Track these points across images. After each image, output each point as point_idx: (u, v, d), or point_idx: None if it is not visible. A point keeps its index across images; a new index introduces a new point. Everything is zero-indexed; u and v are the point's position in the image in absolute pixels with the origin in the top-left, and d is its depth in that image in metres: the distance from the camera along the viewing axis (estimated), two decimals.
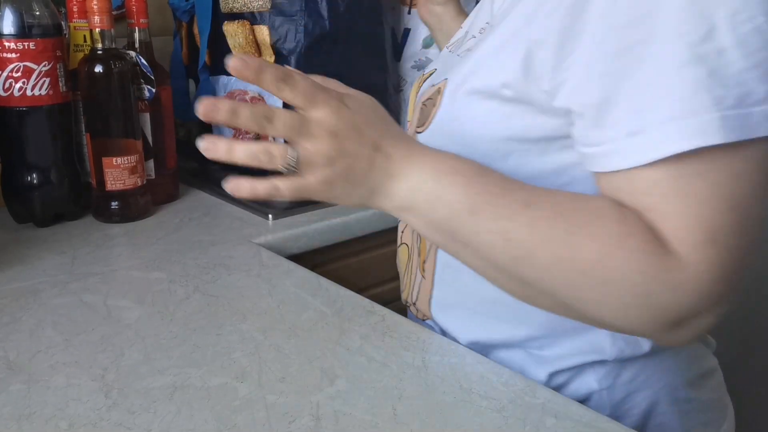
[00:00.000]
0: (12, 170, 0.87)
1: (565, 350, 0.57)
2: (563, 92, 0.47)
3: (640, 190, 0.43)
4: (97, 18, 0.84)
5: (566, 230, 0.44)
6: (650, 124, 0.42)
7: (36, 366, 0.56)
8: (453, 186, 0.47)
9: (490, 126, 0.53)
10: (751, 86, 0.40)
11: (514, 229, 0.45)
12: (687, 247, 0.42)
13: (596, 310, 0.45)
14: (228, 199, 1.02)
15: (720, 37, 0.41)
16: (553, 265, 0.45)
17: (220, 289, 0.71)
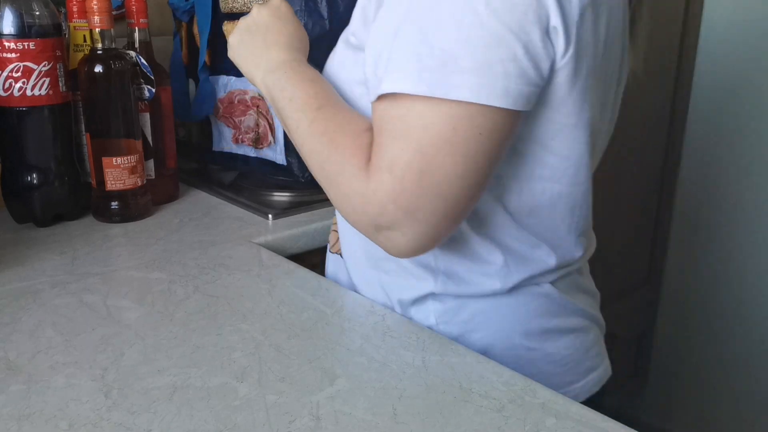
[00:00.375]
0: (12, 170, 0.87)
1: (404, 281, 0.66)
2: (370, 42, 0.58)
3: (374, 120, 0.55)
4: (96, 18, 0.84)
5: (323, 131, 0.58)
6: (380, 70, 0.54)
7: (36, 366, 0.56)
8: (290, 80, 0.63)
9: (347, 69, 0.64)
10: (457, 56, 0.49)
11: (302, 120, 0.60)
12: (373, 169, 0.53)
13: (332, 199, 0.58)
14: (228, 199, 1.02)
15: (438, 11, 0.50)
16: (311, 154, 0.59)
17: (220, 289, 0.71)
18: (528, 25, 0.50)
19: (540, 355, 0.66)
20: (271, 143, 1.03)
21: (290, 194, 1.04)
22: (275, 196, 1.04)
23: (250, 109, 1.03)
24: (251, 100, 1.03)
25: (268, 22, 0.69)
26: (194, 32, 1.07)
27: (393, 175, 0.51)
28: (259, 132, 1.04)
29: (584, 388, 0.70)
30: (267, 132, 1.03)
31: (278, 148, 1.02)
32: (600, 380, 0.71)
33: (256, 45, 0.68)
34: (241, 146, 1.07)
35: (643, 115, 1.71)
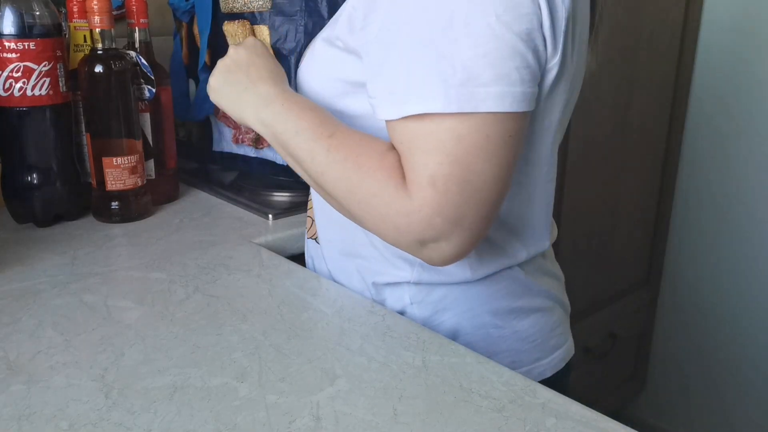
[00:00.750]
0: (12, 170, 0.87)
1: (382, 268, 0.69)
2: (363, 51, 0.59)
3: (396, 139, 0.56)
4: (97, 18, 0.84)
5: (345, 158, 0.58)
6: (398, 89, 0.55)
7: (36, 366, 0.56)
8: (291, 112, 0.63)
9: (331, 66, 0.66)
10: (479, 71, 0.52)
11: (317, 150, 0.60)
12: (414, 186, 0.54)
13: (363, 222, 0.59)
14: (228, 199, 1.02)
15: (455, 30, 0.52)
16: (337, 182, 0.59)
17: (220, 290, 0.71)
18: (534, 31, 0.54)
19: (509, 333, 0.70)
20: None
21: (290, 194, 1.04)
22: (275, 196, 1.04)
23: None
24: None
25: (248, 59, 0.69)
26: (194, 32, 1.07)
27: (436, 189, 0.53)
28: None
29: (551, 364, 0.74)
30: None
31: None
32: (565, 357, 0.76)
33: (240, 83, 0.68)
34: (241, 146, 1.07)
35: (643, 115, 1.71)
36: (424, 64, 0.53)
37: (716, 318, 1.88)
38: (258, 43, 0.72)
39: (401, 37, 0.55)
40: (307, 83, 0.70)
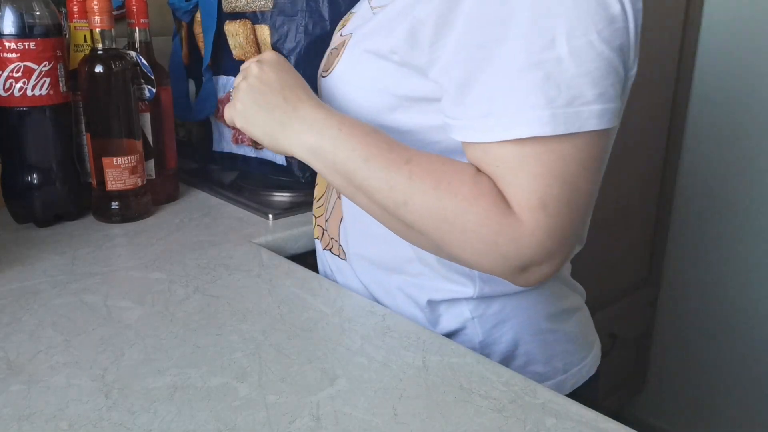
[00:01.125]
0: (12, 170, 0.87)
1: (438, 285, 0.66)
2: (436, 67, 0.56)
3: (491, 162, 0.53)
4: (97, 18, 0.85)
5: (434, 185, 0.54)
6: (498, 111, 0.52)
7: (36, 366, 0.56)
8: (353, 136, 0.57)
9: (381, 81, 0.62)
10: (582, 90, 0.51)
11: (396, 179, 0.55)
12: (524, 211, 0.52)
13: (458, 252, 0.55)
14: (228, 199, 1.02)
15: (558, 48, 0.50)
16: (425, 212, 0.55)
17: (221, 290, 0.71)
18: (625, 45, 0.53)
19: (561, 335, 0.70)
20: None
21: (290, 194, 1.04)
22: (275, 196, 1.04)
23: None
24: None
25: (277, 78, 0.62)
26: (195, 32, 1.07)
27: (547, 212, 0.51)
28: None
29: (593, 360, 0.75)
30: None
31: None
32: (599, 353, 0.76)
33: (276, 107, 0.61)
34: (241, 146, 1.07)
35: (643, 115, 1.71)
36: (528, 85, 0.51)
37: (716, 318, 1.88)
38: (280, 57, 0.65)
39: (497, 57, 0.52)
40: (345, 95, 0.65)
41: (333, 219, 0.74)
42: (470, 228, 0.53)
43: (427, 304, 0.67)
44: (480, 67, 0.53)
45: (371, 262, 0.70)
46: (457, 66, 0.54)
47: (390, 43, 0.59)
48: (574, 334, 0.72)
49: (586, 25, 0.51)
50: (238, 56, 1.01)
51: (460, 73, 0.54)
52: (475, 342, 0.67)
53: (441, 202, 0.54)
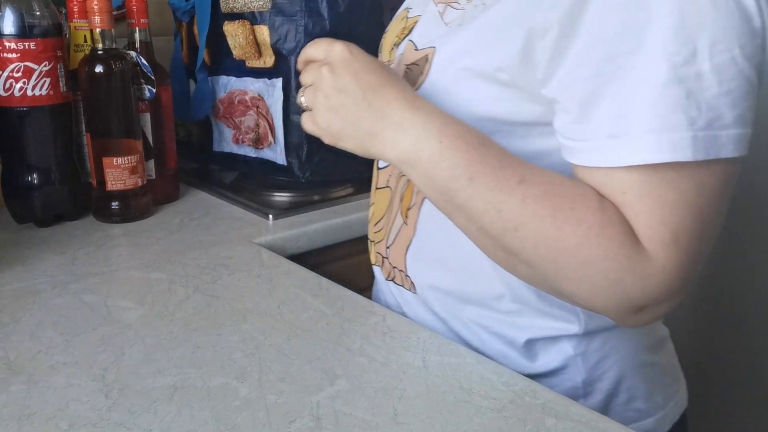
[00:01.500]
0: (12, 170, 0.87)
1: (537, 322, 0.61)
2: (553, 83, 0.50)
3: (617, 188, 0.48)
4: (97, 18, 0.85)
5: (554, 211, 0.48)
6: (629, 132, 0.46)
7: (36, 366, 0.56)
8: (456, 151, 0.50)
9: (479, 104, 0.55)
10: (722, 111, 0.45)
11: (506, 201, 0.49)
12: (655, 245, 0.47)
13: (571, 287, 0.49)
14: (228, 199, 1.02)
15: (700, 62, 0.45)
16: (539, 240, 0.48)
17: (221, 290, 0.71)
18: (761, 64, 0.48)
19: (658, 368, 0.66)
20: (271, 143, 1.03)
21: (290, 194, 1.04)
22: (275, 196, 1.05)
23: (250, 110, 1.03)
24: (251, 101, 1.03)
25: (356, 81, 0.53)
26: (194, 32, 1.08)
27: (679, 247, 0.46)
28: (260, 132, 1.04)
29: (684, 392, 0.70)
30: (267, 132, 1.03)
31: (278, 148, 1.03)
32: (685, 382, 0.71)
33: (362, 117, 0.53)
34: (241, 146, 1.07)
35: None
36: (669, 103, 0.45)
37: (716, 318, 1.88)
38: (352, 50, 0.55)
39: (630, 69, 0.46)
40: None
41: (397, 246, 0.67)
42: (594, 261, 0.47)
43: (525, 344, 0.61)
44: (609, 81, 0.47)
45: (446, 294, 0.64)
46: (580, 81, 0.48)
47: (497, 60, 0.52)
48: (668, 366, 0.67)
49: (729, 38, 0.45)
50: (238, 56, 1.01)
51: (583, 89, 0.48)
52: (578, 381, 0.61)
53: (561, 231, 0.48)
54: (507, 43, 0.51)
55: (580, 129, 0.49)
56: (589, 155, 0.49)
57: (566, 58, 0.48)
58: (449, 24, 0.61)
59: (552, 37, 0.48)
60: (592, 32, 0.47)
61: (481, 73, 0.54)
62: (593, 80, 0.47)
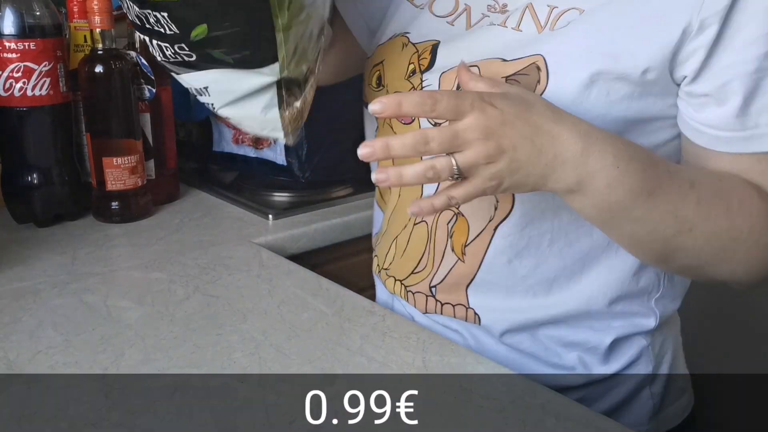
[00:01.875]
0: (12, 170, 0.87)
1: (615, 323, 0.65)
2: (707, 78, 0.53)
3: (763, 170, 0.54)
4: (97, 18, 0.84)
5: (726, 209, 0.53)
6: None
7: (36, 366, 0.56)
8: (633, 173, 0.51)
9: (611, 106, 0.55)
10: None
11: (683, 207, 0.52)
12: None
13: (733, 266, 0.55)
14: (228, 199, 1.02)
15: None
16: (713, 236, 0.53)
17: (220, 290, 0.71)
18: None
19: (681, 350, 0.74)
20: (271, 144, 1.03)
21: (290, 194, 1.04)
22: (275, 196, 1.05)
23: None
24: None
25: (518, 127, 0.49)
26: None
27: None
28: None
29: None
30: None
31: (278, 148, 1.03)
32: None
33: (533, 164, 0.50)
34: (241, 146, 1.07)
35: None
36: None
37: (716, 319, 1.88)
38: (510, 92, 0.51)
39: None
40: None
41: (450, 283, 0.67)
42: (763, 243, 0.54)
43: (609, 347, 0.65)
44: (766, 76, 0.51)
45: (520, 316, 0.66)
46: (743, 76, 0.51)
47: (644, 61, 0.53)
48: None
49: None
50: None
51: (746, 84, 0.51)
52: (649, 369, 0.67)
53: (734, 223, 0.53)
54: (653, 42, 0.53)
55: (739, 121, 0.53)
56: (746, 143, 0.53)
57: (725, 55, 0.51)
58: (543, 27, 0.58)
59: (708, 34, 0.51)
60: (752, 29, 0.50)
61: (622, 75, 0.54)
62: (755, 75, 0.51)
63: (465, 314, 0.67)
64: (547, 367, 0.66)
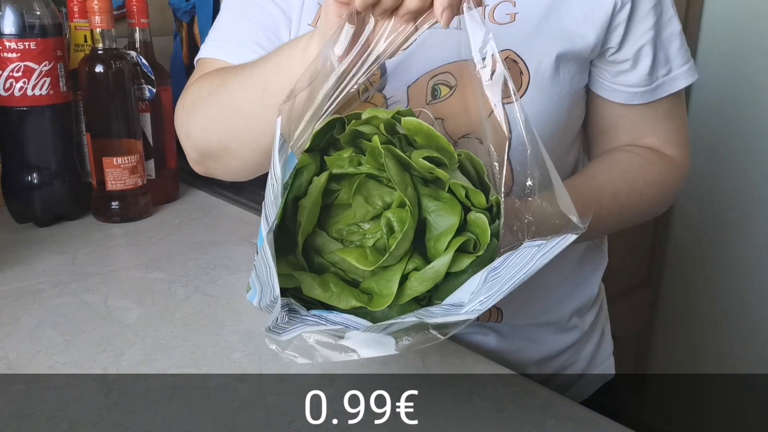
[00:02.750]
0: (12, 170, 0.87)
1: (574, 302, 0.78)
2: (627, 47, 0.65)
3: (659, 115, 0.69)
4: (97, 18, 0.84)
5: (639, 193, 0.68)
6: (673, 69, 0.68)
7: (36, 366, 0.56)
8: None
9: (572, 83, 0.65)
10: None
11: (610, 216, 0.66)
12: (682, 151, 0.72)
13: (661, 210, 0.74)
14: (228, 199, 1.02)
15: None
16: (636, 212, 0.70)
17: (220, 290, 0.71)
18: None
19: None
20: None
21: None
22: None
23: None
24: None
25: None
26: (194, 32, 1.07)
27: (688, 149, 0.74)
28: None
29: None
30: None
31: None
32: None
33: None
34: None
35: None
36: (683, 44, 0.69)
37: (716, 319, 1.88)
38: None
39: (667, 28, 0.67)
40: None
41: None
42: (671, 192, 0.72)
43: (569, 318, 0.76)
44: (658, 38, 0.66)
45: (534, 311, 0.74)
46: (649, 42, 0.65)
47: (590, 41, 0.64)
48: None
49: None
50: None
51: (651, 47, 0.66)
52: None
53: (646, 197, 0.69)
54: (596, 23, 0.63)
55: (649, 77, 0.66)
56: (653, 93, 0.67)
57: (639, 26, 0.64)
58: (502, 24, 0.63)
59: (626, 11, 0.63)
60: (646, 3, 0.63)
61: (577, 54, 0.64)
62: (654, 39, 0.65)
63: (491, 315, 0.71)
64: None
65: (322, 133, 0.48)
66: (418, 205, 0.45)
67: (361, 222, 0.46)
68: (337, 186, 0.47)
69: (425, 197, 0.45)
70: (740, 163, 1.77)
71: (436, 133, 0.46)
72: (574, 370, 0.79)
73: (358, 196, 0.46)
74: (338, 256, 0.45)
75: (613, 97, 0.68)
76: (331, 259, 0.46)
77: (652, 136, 0.70)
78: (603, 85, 0.68)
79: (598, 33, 0.63)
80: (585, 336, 0.79)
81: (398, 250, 0.44)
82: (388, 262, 0.44)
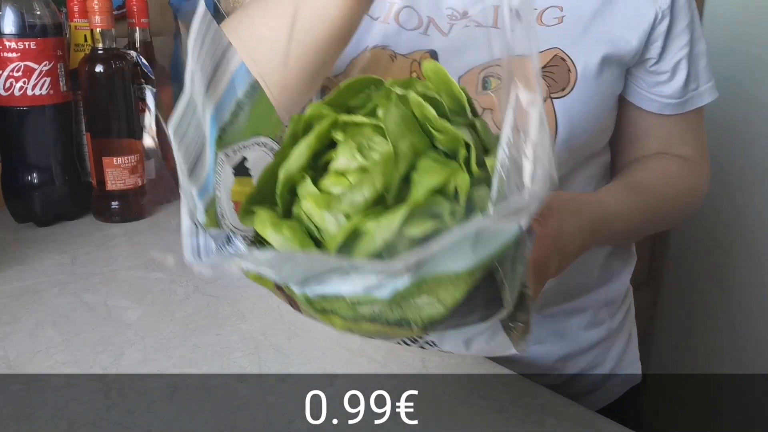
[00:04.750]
0: (12, 170, 0.87)
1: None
2: (667, 59, 0.69)
3: (684, 127, 0.74)
4: (97, 18, 0.84)
5: (663, 199, 0.71)
6: (701, 85, 0.73)
7: (36, 366, 0.56)
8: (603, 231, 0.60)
9: (614, 85, 0.69)
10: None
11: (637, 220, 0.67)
12: (704, 161, 0.79)
13: (685, 217, 0.79)
14: None
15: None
16: (667, 215, 0.74)
17: (220, 289, 0.71)
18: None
19: None
20: None
21: None
22: None
23: None
24: None
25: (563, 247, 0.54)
26: None
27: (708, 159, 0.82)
28: None
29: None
30: None
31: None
32: None
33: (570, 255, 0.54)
34: None
35: None
36: (708, 65, 0.75)
37: (716, 319, 1.88)
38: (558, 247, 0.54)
39: (696, 46, 0.71)
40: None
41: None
42: (699, 200, 0.79)
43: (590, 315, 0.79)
44: (691, 54, 0.71)
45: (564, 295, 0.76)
46: (684, 57, 0.70)
47: (633, 47, 0.67)
48: None
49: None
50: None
51: (687, 61, 0.70)
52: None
53: (674, 207, 0.74)
54: (639, 29, 0.66)
55: (683, 89, 0.71)
56: (684, 105, 0.71)
57: (676, 40, 0.68)
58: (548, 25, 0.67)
59: (664, 24, 0.67)
60: (682, 20, 0.68)
61: (621, 58, 0.67)
62: (689, 55, 0.70)
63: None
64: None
65: (350, 90, 0.40)
66: (411, 166, 0.37)
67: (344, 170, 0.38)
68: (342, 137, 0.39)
69: (426, 158, 0.37)
70: (741, 164, 1.77)
71: (452, 79, 0.40)
72: (602, 370, 0.80)
73: (351, 142, 0.38)
74: (309, 204, 0.37)
75: (647, 106, 0.72)
76: (305, 208, 0.38)
77: (681, 147, 0.74)
78: (639, 94, 0.71)
79: (640, 39, 0.67)
80: (613, 335, 0.81)
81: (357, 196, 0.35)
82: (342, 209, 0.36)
